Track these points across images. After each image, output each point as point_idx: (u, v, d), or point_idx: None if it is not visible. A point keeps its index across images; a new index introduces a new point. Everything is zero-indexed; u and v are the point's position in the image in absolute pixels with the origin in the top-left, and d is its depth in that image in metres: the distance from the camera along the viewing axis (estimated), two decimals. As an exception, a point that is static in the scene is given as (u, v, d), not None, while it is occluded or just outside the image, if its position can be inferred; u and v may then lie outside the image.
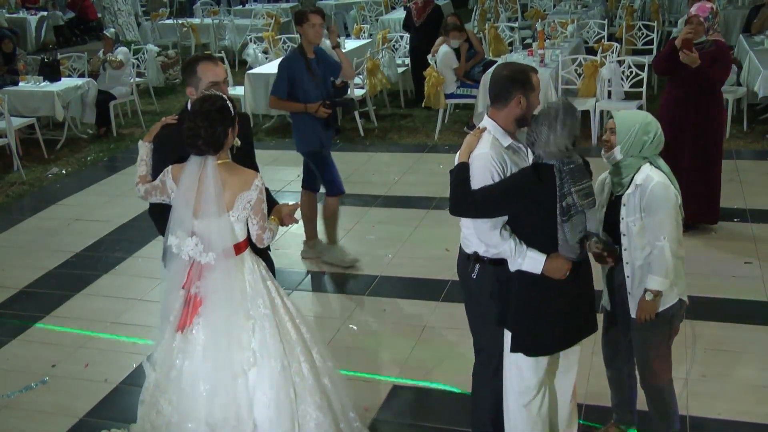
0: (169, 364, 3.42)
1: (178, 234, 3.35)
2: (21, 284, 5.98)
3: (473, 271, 3.38)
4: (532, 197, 3.11)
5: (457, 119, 9.70)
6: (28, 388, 4.61)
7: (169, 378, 3.40)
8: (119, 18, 14.17)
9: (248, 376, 3.36)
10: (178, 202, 3.34)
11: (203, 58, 3.74)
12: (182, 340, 3.39)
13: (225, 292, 3.34)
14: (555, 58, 8.94)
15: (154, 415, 3.46)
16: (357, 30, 12.33)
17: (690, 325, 4.78)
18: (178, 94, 12.09)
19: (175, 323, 3.41)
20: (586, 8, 12.90)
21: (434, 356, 4.69)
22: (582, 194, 3.07)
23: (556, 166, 3.06)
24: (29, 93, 9.41)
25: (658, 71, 6.11)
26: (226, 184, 3.29)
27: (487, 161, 3.17)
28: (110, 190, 8.09)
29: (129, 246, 6.56)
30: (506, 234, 3.18)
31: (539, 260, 3.14)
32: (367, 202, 7.22)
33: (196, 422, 3.34)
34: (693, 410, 4.02)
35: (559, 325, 3.29)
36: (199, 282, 3.36)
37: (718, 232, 6.04)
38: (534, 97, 3.25)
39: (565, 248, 3.13)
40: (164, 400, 3.42)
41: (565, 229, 3.08)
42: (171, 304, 3.45)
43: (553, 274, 3.16)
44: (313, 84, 5.62)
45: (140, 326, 5.25)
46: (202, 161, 3.28)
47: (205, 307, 3.35)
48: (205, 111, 3.22)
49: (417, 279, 5.68)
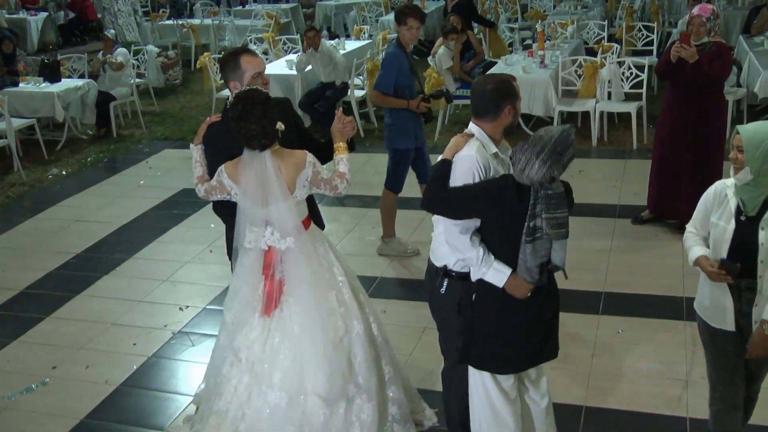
0: (261, 349, 3.52)
1: (253, 230, 3.50)
2: (21, 285, 5.99)
3: (441, 285, 3.38)
4: (507, 206, 3.04)
5: (457, 120, 9.69)
6: (28, 390, 4.62)
7: (267, 363, 3.50)
8: (119, 18, 14.16)
9: (343, 341, 3.56)
10: (244, 199, 3.46)
11: (243, 51, 3.75)
12: (273, 323, 3.53)
13: (308, 268, 3.52)
14: (555, 59, 8.94)
15: (248, 400, 3.53)
16: (357, 31, 12.33)
17: (690, 326, 4.78)
18: (178, 94, 12.09)
19: (259, 308, 3.55)
20: (585, 9, 12.91)
21: (435, 357, 4.67)
22: (554, 224, 2.97)
23: (536, 186, 2.97)
24: (29, 94, 9.41)
25: (660, 76, 6.12)
26: (283, 168, 3.42)
27: (471, 163, 3.15)
28: (110, 191, 8.09)
29: (129, 247, 6.56)
30: (476, 240, 3.14)
31: (504, 273, 3.10)
32: (367, 204, 7.22)
33: (306, 396, 3.48)
34: (693, 412, 4.02)
35: (510, 346, 3.22)
36: (281, 266, 3.52)
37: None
38: (519, 104, 3.26)
39: (523, 269, 3.05)
40: (265, 385, 3.50)
41: (527, 250, 3.01)
42: (249, 294, 3.56)
43: (514, 292, 3.11)
44: (411, 80, 5.75)
45: (141, 327, 5.25)
46: (257, 154, 3.38)
47: (292, 287, 3.52)
48: (253, 109, 3.29)
49: (417, 280, 5.68)
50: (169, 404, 4.43)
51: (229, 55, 3.75)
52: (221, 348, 3.69)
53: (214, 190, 3.58)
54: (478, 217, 3.14)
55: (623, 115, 8.70)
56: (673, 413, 4.04)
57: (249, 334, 3.57)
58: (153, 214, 7.32)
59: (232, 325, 3.63)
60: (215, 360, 3.77)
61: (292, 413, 3.49)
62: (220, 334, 3.79)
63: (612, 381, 4.34)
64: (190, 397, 4.43)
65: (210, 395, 3.71)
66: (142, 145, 9.68)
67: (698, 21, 5.59)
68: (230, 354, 3.60)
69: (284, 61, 10.31)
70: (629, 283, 5.40)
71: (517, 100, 3.22)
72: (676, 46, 5.59)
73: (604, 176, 7.45)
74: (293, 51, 11.51)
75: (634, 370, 4.44)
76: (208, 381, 3.83)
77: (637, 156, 7.97)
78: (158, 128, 10.37)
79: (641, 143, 8.26)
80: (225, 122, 3.55)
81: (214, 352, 3.86)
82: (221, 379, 3.62)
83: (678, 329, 4.79)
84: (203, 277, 5.91)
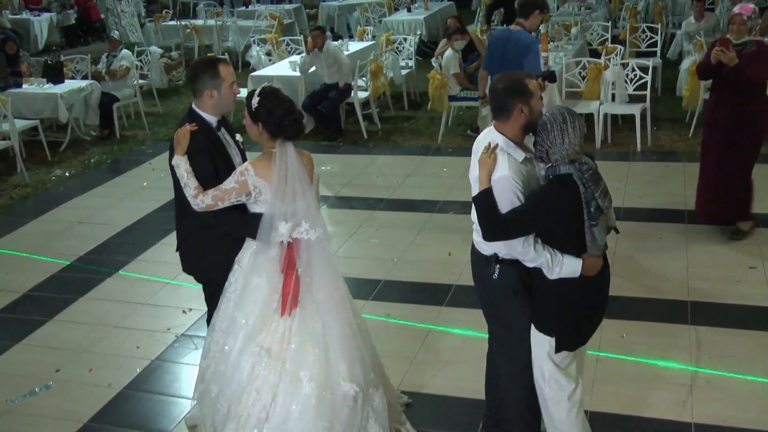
0: (287, 348, 3.55)
1: (285, 224, 3.51)
2: (25, 287, 5.99)
3: (494, 272, 3.41)
4: (560, 208, 3.16)
5: (461, 122, 9.68)
6: (32, 393, 4.61)
7: (293, 361, 3.53)
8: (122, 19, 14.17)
9: (355, 332, 3.67)
10: (275, 194, 3.49)
11: (219, 60, 3.79)
12: (295, 322, 3.56)
13: (331, 258, 3.71)
14: (559, 61, 8.92)
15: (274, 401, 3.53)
16: (360, 32, 12.32)
17: (694, 331, 4.78)
18: (182, 95, 12.09)
19: (278, 308, 3.57)
20: (589, 10, 12.89)
21: (438, 361, 4.68)
22: (603, 195, 3.16)
23: (576, 174, 3.12)
24: (33, 95, 9.41)
25: (700, 77, 6.10)
26: (304, 161, 3.61)
27: (508, 183, 3.19)
28: (113, 192, 8.09)
29: (132, 249, 6.56)
30: (540, 247, 3.24)
31: (577, 264, 3.22)
32: (370, 206, 7.21)
33: (334, 388, 3.54)
34: (698, 417, 4.02)
35: (595, 314, 3.44)
36: (307, 259, 3.57)
37: (724, 236, 6.02)
38: (535, 101, 3.26)
39: (594, 248, 3.22)
40: (292, 384, 3.51)
41: (594, 232, 3.16)
42: (267, 294, 3.58)
43: (590, 272, 3.26)
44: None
45: (144, 330, 5.25)
46: (285, 149, 3.51)
47: (314, 279, 3.58)
48: (285, 101, 3.51)
49: (421, 283, 5.67)
50: (172, 408, 4.43)
51: (207, 63, 3.75)
52: (238, 352, 3.60)
53: (226, 194, 3.53)
54: (536, 230, 3.24)
55: (627, 116, 8.68)
56: (678, 418, 4.02)
57: (272, 335, 3.57)
58: (156, 216, 7.32)
59: (250, 328, 3.59)
60: (226, 367, 3.65)
61: (322, 408, 3.50)
62: (227, 338, 3.67)
63: (616, 385, 4.32)
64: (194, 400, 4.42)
65: (217, 403, 3.66)
66: (145, 146, 9.68)
67: (739, 19, 5.53)
68: (252, 357, 3.56)
69: (287, 62, 10.31)
70: (633, 286, 5.38)
71: (530, 98, 3.24)
72: (716, 50, 5.49)
73: (607, 178, 7.20)
74: (296, 52, 11.50)
75: (638, 375, 4.42)
76: (211, 389, 3.73)
77: (641, 158, 7.96)
78: (161, 129, 10.37)
79: (645, 145, 8.25)
80: (205, 129, 3.69)
81: (217, 358, 3.73)
82: (239, 383, 3.57)
83: (683, 333, 4.78)
84: (206, 279, 5.89)
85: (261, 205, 3.55)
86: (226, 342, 3.65)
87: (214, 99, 3.70)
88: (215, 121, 3.79)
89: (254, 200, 3.55)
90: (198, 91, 3.72)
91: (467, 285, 5.55)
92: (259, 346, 3.55)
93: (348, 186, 7.82)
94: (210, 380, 3.72)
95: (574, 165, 3.13)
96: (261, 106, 3.48)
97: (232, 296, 3.71)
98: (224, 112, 3.88)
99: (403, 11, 14.52)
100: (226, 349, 3.63)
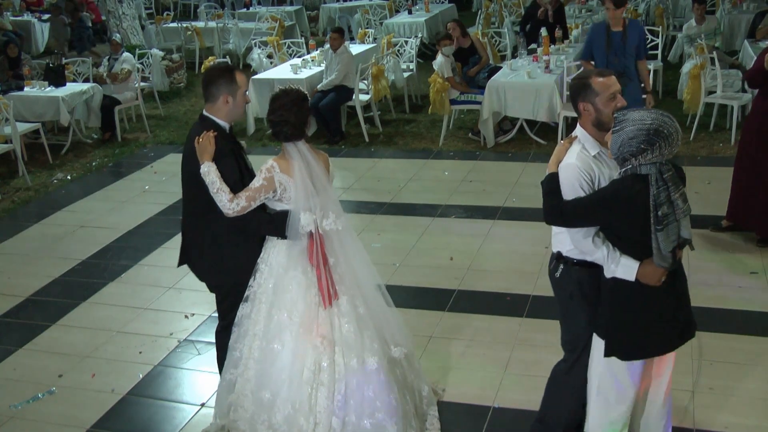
0: (339, 336, 3.70)
1: (312, 216, 3.65)
2: (27, 292, 6.00)
3: (557, 270, 3.46)
4: (623, 206, 3.09)
5: (462, 125, 9.69)
6: (35, 399, 4.62)
7: (348, 348, 3.70)
8: (123, 22, 14.18)
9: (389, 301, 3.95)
10: (298, 189, 3.63)
11: (235, 67, 3.89)
12: (341, 308, 3.73)
13: (358, 244, 3.89)
14: (560, 64, 8.93)
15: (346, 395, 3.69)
16: (362, 34, 12.32)
17: (696, 337, 4.75)
18: (183, 98, 12.11)
19: (320, 301, 3.71)
20: (590, 13, 12.89)
21: (441, 367, 4.69)
22: (683, 199, 3.05)
23: (654, 175, 3.01)
24: (34, 98, 9.43)
25: (751, 83, 6.05)
26: (319, 160, 3.75)
27: (573, 171, 3.21)
28: (115, 196, 8.10)
29: (135, 254, 6.57)
30: (599, 241, 3.20)
31: (633, 267, 3.14)
32: (372, 210, 7.22)
33: (394, 347, 3.85)
34: (699, 423, 4.03)
35: (656, 330, 3.28)
36: (337, 247, 3.75)
37: (725, 242, 6.03)
38: (600, 100, 3.24)
39: (658, 257, 3.08)
40: (365, 355, 3.70)
41: (659, 238, 3.04)
42: (306, 285, 3.70)
43: (648, 281, 3.15)
44: (605, 55, 6.93)
45: (146, 335, 5.26)
46: (297, 148, 3.66)
47: (352, 266, 3.77)
48: (296, 101, 3.64)
49: (423, 288, 5.68)
50: (175, 413, 4.43)
51: (224, 70, 3.81)
52: (292, 351, 3.66)
53: (257, 193, 3.63)
54: (597, 224, 3.21)
55: (628, 120, 8.66)
56: (680, 425, 4.03)
57: (324, 326, 3.69)
58: (158, 220, 7.33)
59: (297, 324, 3.68)
60: (282, 367, 3.69)
61: (389, 379, 3.74)
62: (273, 340, 3.70)
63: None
64: (197, 406, 4.45)
65: (274, 406, 3.70)
66: (147, 149, 9.69)
67: None
68: (312, 351, 3.66)
69: (288, 65, 10.32)
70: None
71: (593, 96, 3.24)
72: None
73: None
74: (297, 55, 11.51)
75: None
76: (261, 395, 3.74)
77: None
78: (163, 132, 10.38)
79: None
80: (223, 134, 3.77)
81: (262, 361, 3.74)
82: (302, 380, 3.65)
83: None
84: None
85: (284, 202, 3.67)
86: (271, 343, 3.70)
87: (229, 105, 3.76)
88: (228, 127, 3.85)
89: (279, 197, 3.66)
90: (213, 96, 3.75)
91: (470, 290, 5.59)
92: (318, 338, 3.67)
93: (349, 190, 7.83)
94: (258, 386, 3.74)
95: (656, 166, 3.02)
96: (299, 104, 3.67)
97: (263, 297, 3.75)
98: (235, 119, 3.93)
99: (404, 13, 14.53)
100: (276, 349, 3.68)
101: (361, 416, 3.69)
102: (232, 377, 3.86)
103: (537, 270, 5.67)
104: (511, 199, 7.23)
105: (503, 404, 4.29)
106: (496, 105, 8.59)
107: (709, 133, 8.69)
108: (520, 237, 6.40)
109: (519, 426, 4.09)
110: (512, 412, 4.23)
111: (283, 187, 3.63)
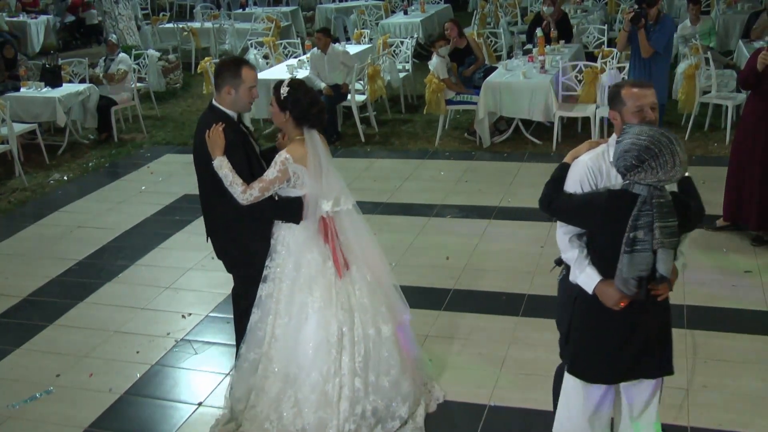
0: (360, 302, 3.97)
1: (329, 202, 3.86)
2: (24, 292, 6.00)
3: (560, 273, 3.43)
4: (601, 219, 3.01)
5: (458, 125, 9.71)
6: (33, 399, 4.64)
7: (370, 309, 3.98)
8: (120, 23, 14.18)
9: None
10: (315, 175, 3.81)
11: (245, 62, 3.97)
12: (355, 279, 3.99)
13: (364, 223, 4.10)
14: (555, 64, 8.96)
15: (363, 340, 3.93)
16: (357, 35, 12.35)
17: (690, 335, 4.81)
18: (179, 98, 12.11)
19: (336, 274, 3.93)
20: (585, 13, 12.93)
21: (436, 366, 4.70)
22: (666, 232, 2.87)
23: (644, 197, 2.87)
24: (31, 99, 9.44)
25: (744, 84, 6.03)
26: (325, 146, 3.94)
27: (582, 168, 3.16)
28: (112, 196, 8.11)
29: (131, 254, 6.58)
30: (575, 242, 3.18)
31: (594, 279, 3.09)
32: (368, 209, 7.20)
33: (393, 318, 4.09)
34: (694, 421, 4.05)
35: (609, 356, 3.19)
36: (347, 225, 3.97)
37: (719, 241, 6.06)
38: (627, 111, 3.11)
39: (619, 279, 2.96)
40: (380, 320, 3.98)
41: (623, 260, 2.92)
42: (321, 263, 3.92)
43: (604, 299, 3.08)
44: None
45: (144, 335, 5.27)
46: (312, 134, 3.84)
47: (360, 242, 4.01)
48: (307, 89, 3.84)
49: (419, 288, 5.69)
50: (173, 413, 4.45)
51: (231, 63, 3.96)
52: (316, 323, 3.87)
53: (271, 184, 3.79)
54: (577, 225, 3.17)
55: (623, 120, 8.70)
56: (674, 422, 4.06)
57: (342, 297, 3.91)
58: (155, 220, 7.34)
59: (319, 299, 3.89)
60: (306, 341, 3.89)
61: (403, 341, 4.07)
62: (297, 316, 3.92)
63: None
64: (194, 405, 4.46)
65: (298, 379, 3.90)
66: (143, 149, 9.71)
67: None
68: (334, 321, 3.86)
69: (284, 65, 10.33)
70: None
71: (621, 106, 3.12)
72: (764, 54, 5.49)
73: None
74: (294, 55, 11.53)
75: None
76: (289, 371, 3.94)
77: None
78: (159, 132, 10.39)
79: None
80: (230, 123, 3.89)
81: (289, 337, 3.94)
82: (328, 351, 3.85)
83: (679, 337, 4.77)
84: (206, 284, 5.92)
85: (298, 188, 3.83)
86: (294, 319, 3.91)
87: (231, 96, 3.89)
88: (235, 116, 3.97)
89: (293, 185, 3.82)
90: (218, 86, 3.92)
91: (465, 289, 5.61)
92: (338, 309, 3.88)
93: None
94: (285, 362, 3.93)
95: (648, 188, 2.87)
96: (289, 96, 3.77)
97: (284, 276, 3.92)
98: (241, 111, 4.04)
99: (400, 14, 14.57)
100: (300, 324, 3.90)
101: (379, 375, 3.96)
102: (256, 356, 3.98)
103: (532, 269, 5.70)
104: (506, 198, 7.26)
105: (499, 403, 4.31)
106: (491, 105, 8.62)
107: (703, 132, 8.74)
108: (515, 236, 6.43)
109: (515, 424, 4.12)
110: (508, 411, 4.25)
111: (297, 176, 3.79)
